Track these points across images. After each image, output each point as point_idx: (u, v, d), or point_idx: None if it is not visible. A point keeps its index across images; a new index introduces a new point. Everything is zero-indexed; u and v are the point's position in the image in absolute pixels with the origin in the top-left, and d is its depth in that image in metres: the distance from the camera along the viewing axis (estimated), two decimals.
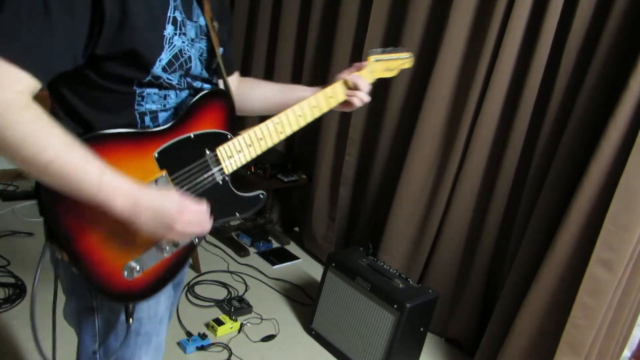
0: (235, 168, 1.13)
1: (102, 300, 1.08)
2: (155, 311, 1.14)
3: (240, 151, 1.12)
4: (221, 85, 1.17)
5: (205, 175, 1.09)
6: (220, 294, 2.67)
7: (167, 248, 1.02)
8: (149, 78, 0.97)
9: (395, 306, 2.09)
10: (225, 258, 3.03)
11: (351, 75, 1.26)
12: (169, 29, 0.97)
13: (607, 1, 1.98)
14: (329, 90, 1.24)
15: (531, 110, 2.25)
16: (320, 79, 3.05)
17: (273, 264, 3.05)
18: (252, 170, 3.04)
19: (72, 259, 0.96)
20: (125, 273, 1.00)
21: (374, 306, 2.17)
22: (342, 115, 2.94)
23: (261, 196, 1.19)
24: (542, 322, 2.09)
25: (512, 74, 2.26)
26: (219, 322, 2.36)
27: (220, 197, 1.11)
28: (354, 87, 1.26)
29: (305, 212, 3.24)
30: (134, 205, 0.90)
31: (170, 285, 1.15)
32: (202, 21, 1.06)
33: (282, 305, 2.69)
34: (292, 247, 3.30)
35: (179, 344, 2.22)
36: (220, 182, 1.11)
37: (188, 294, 2.61)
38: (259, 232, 3.30)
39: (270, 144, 1.17)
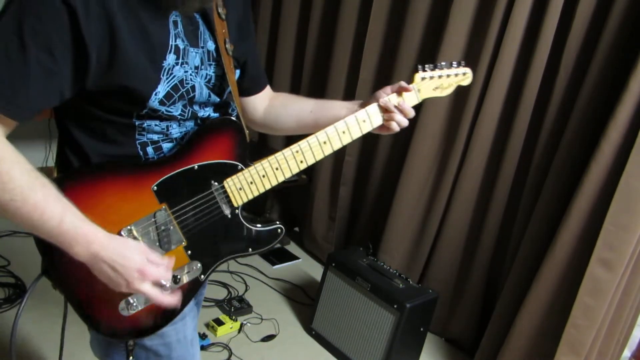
0: (246, 201, 1.06)
1: None
2: (184, 334, 1.09)
3: (252, 182, 1.05)
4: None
5: (212, 209, 1.03)
6: (220, 294, 2.67)
7: (167, 284, 0.94)
8: (146, 111, 0.94)
9: (395, 306, 2.09)
10: None
11: (390, 98, 1.14)
12: (170, 59, 0.93)
13: (607, 1, 1.98)
14: (361, 113, 1.11)
15: (531, 110, 2.25)
16: (320, 78, 3.05)
17: (273, 264, 3.05)
18: None
19: (70, 300, 0.96)
20: (121, 309, 0.97)
21: (374, 306, 2.17)
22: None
23: (279, 230, 1.12)
24: (542, 322, 2.09)
25: (512, 73, 2.26)
26: (219, 322, 2.36)
27: (229, 232, 1.06)
28: (393, 110, 1.14)
29: (305, 212, 3.24)
30: (93, 257, 0.87)
31: (193, 305, 1.12)
32: (210, 46, 1.01)
33: (282, 305, 2.69)
34: (292, 247, 3.30)
35: None
36: (229, 216, 1.05)
37: None
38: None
39: (288, 174, 1.07)
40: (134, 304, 0.97)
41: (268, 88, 1.26)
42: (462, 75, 1.23)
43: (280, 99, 1.27)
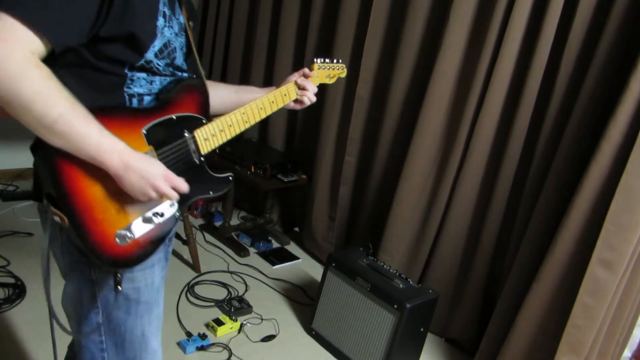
0: (209, 150, 1.23)
1: (100, 274, 1.12)
2: (152, 280, 1.19)
3: (214, 135, 1.23)
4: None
5: (184, 154, 1.17)
6: (220, 294, 2.67)
7: (155, 219, 1.09)
8: (141, 62, 1.05)
9: (395, 306, 2.09)
10: (225, 258, 3.03)
11: (302, 79, 1.47)
12: (160, 21, 1.06)
13: (607, 1, 1.98)
14: (283, 89, 1.44)
15: (531, 110, 2.25)
16: None
17: (273, 264, 3.05)
18: (253, 170, 3.04)
19: (70, 218, 0.99)
20: (117, 240, 1.04)
21: (374, 306, 2.17)
22: (342, 116, 2.94)
23: (230, 178, 1.31)
24: (542, 322, 2.09)
25: (512, 73, 2.26)
26: (219, 322, 2.36)
27: (196, 176, 1.20)
28: (304, 89, 1.46)
29: (305, 212, 3.24)
30: (126, 166, 0.98)
31: (162, 256, 1.22)
32: (181, 19, 1.16)
33: (282, 305, 2.69)
34: (292, 247, 3.30)
35: (178, 344, 2.22)
36: (197, 162, 1.21)
37: (188, 294, 2.61)
38: (259, 232, 3.30)
39: (237, 131, 1.31)
40: (129, 236, 1.06)
41: None
42: (343, 70, 1.63)
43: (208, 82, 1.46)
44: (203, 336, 2.26)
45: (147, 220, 1.09)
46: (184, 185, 1.09)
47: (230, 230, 3.24)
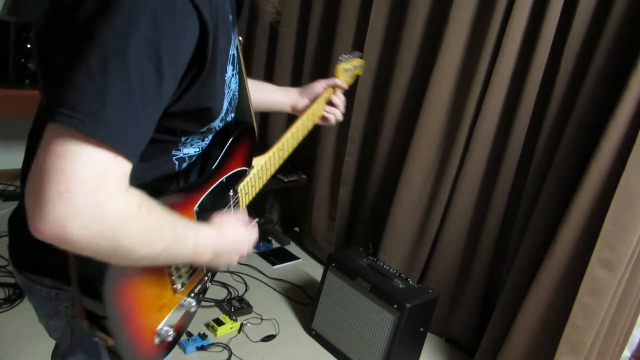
0: (247, 203, 1.08)
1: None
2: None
3: (252, 186, 1.08)
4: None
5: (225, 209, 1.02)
6: (220, 294, 2.67)
7: (193, 302, 0.95)
8: (204, 129, 0.85)
9: (395, 306, 2.09)
10: None
11: (334, 96, 1.28)
12: (229, 71, 0.82)
13: (607, 1, 1.98)
14: (315, 107, 1.24)
15: (531, 110, 2.25)
16: (320, 78, 3.04)
17: (273, 264, 3.05)
18: None
19: (117, 339, 0.79)
20: (157, 339, 0.87)
21: (374, 306, 2.17)
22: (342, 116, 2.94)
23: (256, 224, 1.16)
24: (542, 322, 2.09)
25: (512, 73, 2.27)
26: (219, 322, 2.36)
27: None
28: (333, 104, 1.27)
29: (305, 212, 3.24)
30: (216, 255, 0.85)
31: None
32: (235, 45, 0.90)
33: (282, 305, 2.69)
34: (292, 247, 3.30)
35: (178, 344, 2.23)
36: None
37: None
38: (259, 232, 3.28)
39: (273, 172, 1.17)
40: (169, 332, 0.90)
41: None
42: (360, 67, 1.44)
43: None
44: (203, 336, 2.26)
45: (185, 306, 0.94)
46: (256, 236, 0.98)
47: None
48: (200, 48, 0.70)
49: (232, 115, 0.94)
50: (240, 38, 0.97)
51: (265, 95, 1.26)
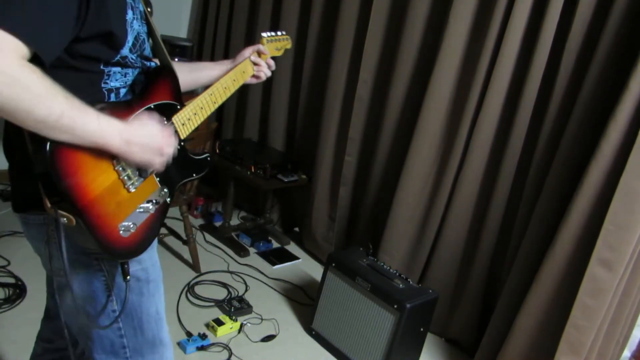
0: (187, 134, 1.27)
1: (108, 264, 1.14)
2: (155, 258, 1.25)
3: (189, 119, 1.28)
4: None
5: None
6: (220, 294, 2.67)
7: (150, 206, 1.14)
8: (117, 58, 1.06)
9: (395, 306, 2.09)
10: (225, 258, 3.03)
11: (255, 57, 1.55)
12: (129, 14, 1.07)
13: (607, 1, 1.98)
14: (241, 67, 1.52)
15: (531, 110, 2.25)
16: (320, 79, 3.05)
17: (273, 264, 3.05)
18: (253, 170, 3.04)
19: (78, 217, 1.00)
20: (122, 231, 1.07)
21: (374, 306, 2.18)
22: (342, 116, 2.94)
23: (208, 158, 1.38)
24: (542, 322, 2.09)
25: (512, 73, 2.27)
26: (219, 322, 2.36)
27: (178, 160, 1.24)
28: (258, 64, 1.55)
29: (305, 212, 3.24)
30: (127, 141, 1.01)
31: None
32: (141, 6, 1.17)
33: (282, 305, 2.69)
34: (292, 247, 3.30)
35: (179, 344, 2.22)
36: (178, 147, 1.23)
37: (188, 294, 2.61)
38: (259, 232, 3.30)
39: (208, 112, 1.36)
40: (131, 226, 1.10)
41: None
42: (287, 41, 1.71)
43: None
44: (203, 336, 2.26)
45: (144, 209, 1.13)
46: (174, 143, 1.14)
47: (230, 230, 3.24)
48: None
49: (152, 64, 1.19)
50: (149, 9, 1.23)
51: (203, 72, 1.48)
